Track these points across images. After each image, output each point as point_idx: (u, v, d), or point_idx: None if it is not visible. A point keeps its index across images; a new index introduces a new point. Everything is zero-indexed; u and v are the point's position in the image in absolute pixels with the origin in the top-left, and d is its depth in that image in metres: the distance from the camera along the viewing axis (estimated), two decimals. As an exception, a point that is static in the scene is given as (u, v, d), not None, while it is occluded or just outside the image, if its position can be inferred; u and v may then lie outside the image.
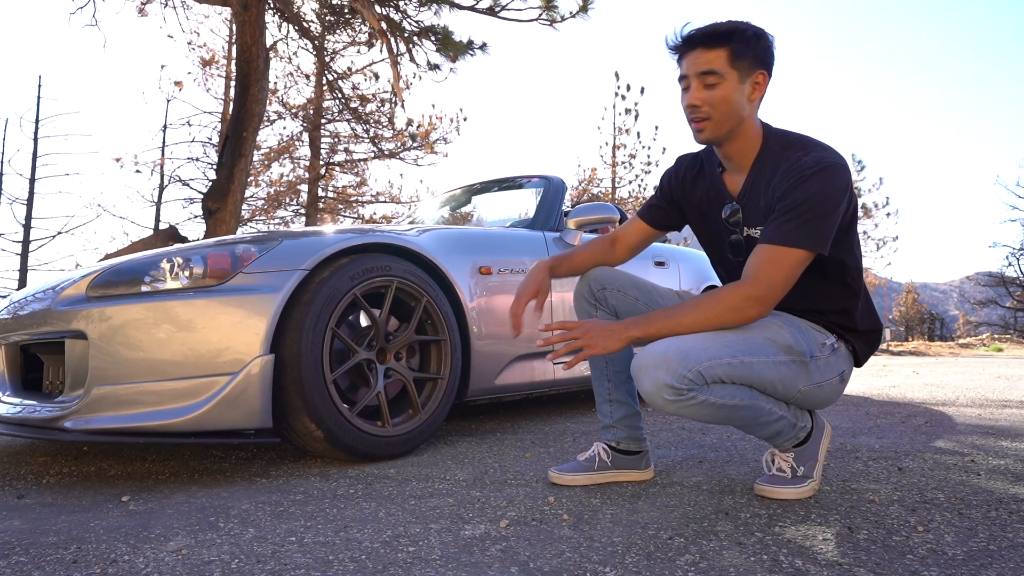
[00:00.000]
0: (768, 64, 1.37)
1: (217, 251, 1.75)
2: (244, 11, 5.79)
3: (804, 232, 1.29)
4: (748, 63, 1.34)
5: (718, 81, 1.34)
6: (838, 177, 1.31)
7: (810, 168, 1.31)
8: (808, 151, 1.35)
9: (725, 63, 1.33)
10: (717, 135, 1.38)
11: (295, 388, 1.69)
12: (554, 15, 6.32)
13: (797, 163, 1.33)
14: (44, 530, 1.28)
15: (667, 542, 1.15)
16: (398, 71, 7.01)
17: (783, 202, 1.32)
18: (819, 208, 1.29)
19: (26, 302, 1.91)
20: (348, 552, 1.12)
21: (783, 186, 1.33)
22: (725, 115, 1.35)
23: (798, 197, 1.30)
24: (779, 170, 1.36)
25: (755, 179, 1.41)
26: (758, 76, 1.36)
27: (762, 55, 1.36)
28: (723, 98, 1.34)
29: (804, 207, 1.29)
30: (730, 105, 1.35)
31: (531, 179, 3.15)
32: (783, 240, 1.30)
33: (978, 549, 1.10)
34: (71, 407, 1.61)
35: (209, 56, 12.87)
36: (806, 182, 1.30)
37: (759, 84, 1.36)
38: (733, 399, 1.30)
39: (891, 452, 1.92)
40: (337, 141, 13.65)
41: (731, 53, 1.33)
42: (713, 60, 1.33)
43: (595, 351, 1.34)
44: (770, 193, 1.36)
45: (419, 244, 2.07)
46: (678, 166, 1.60)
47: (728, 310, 1.32)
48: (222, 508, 1.42)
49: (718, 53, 1.33)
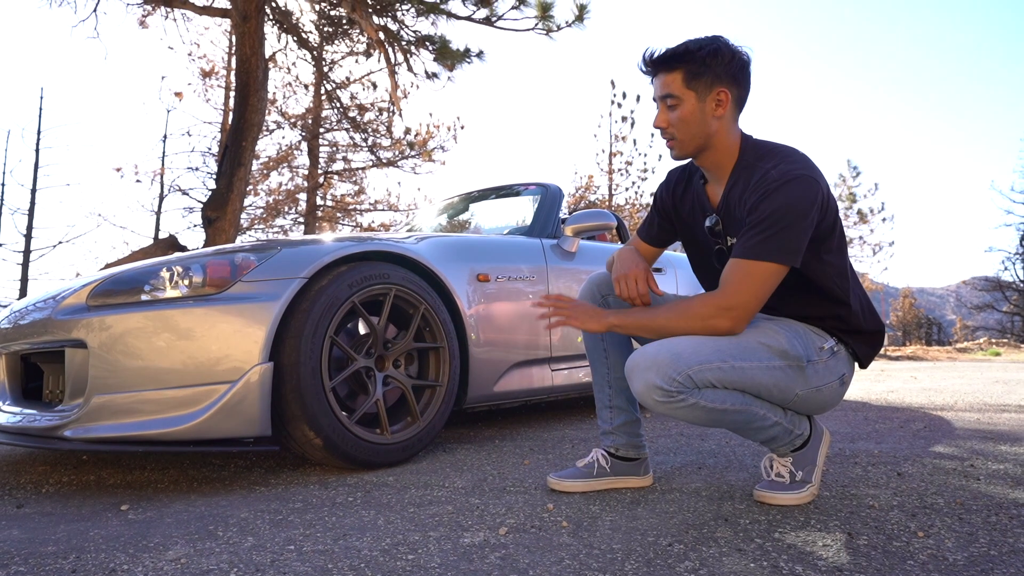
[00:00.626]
0: (731, 76, 1.39)
1: (216, 260, 1.75)
2: (244, 22, 5.83)
3: (771, 245, 1.30)
4: (705, 81, 1.38)
5: (677, 103, 1.39)
6: (804, 188, 1.32)
7: (775, 181, 1.32)
8: (777, 163, 1.36)
9: (680, 85, 1.38)
10: (686, 152, 1.44)
11: (294, 396, 1.69)
12: (550, 24, 6.36)
13: (764, 176, 1.35)
14: (43, 539, 1.28)
15: (667, 549, 1.15)
16: (396, 80, 7.05)
17: (751, 216, 1.34)
18: (784, 221, 1.30)
19: (27, 311, 1.91)
20: (347, 560, 1.12)
21: (751, 199, 1.35)
22: (689, 134, 1.40)
23: (764, 210, 1.32)
24: (750, 182, 1.38)
25: (731, 190, 1.44)
26: (719, 93, 1.38)
27: (722, 71, 1.38)
28: (682, 118, 1.39)
29: (770, 220, 1.31)
30: (691, 125, 1.39)
31: (528, 187, 3.16)
32: (751, 254, 1.32)
33: (979, 554, 1.10)
34: (71, 416, 1.61)
35: (209, 67, 12.93)
36: (771, 195, 1.31)
37: (722, 101, 1.39)
38: (724, 404, 1.31)
39: (890, 457, 1.92)
40: (335, 150, 13.70)
41: (685, 74, 1.38)
42: (670, 84, 1.39)
43: (575, 323, 1.46)
44: (743, 205, 1.39)
45: (417, 252, 2.08)
46: (668, 180, 1.63)
47: (697, 318, 1.35)
48: (221, 517, 1.41)
49: (674, 76, 1.39)
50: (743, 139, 1.45)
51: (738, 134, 1.45)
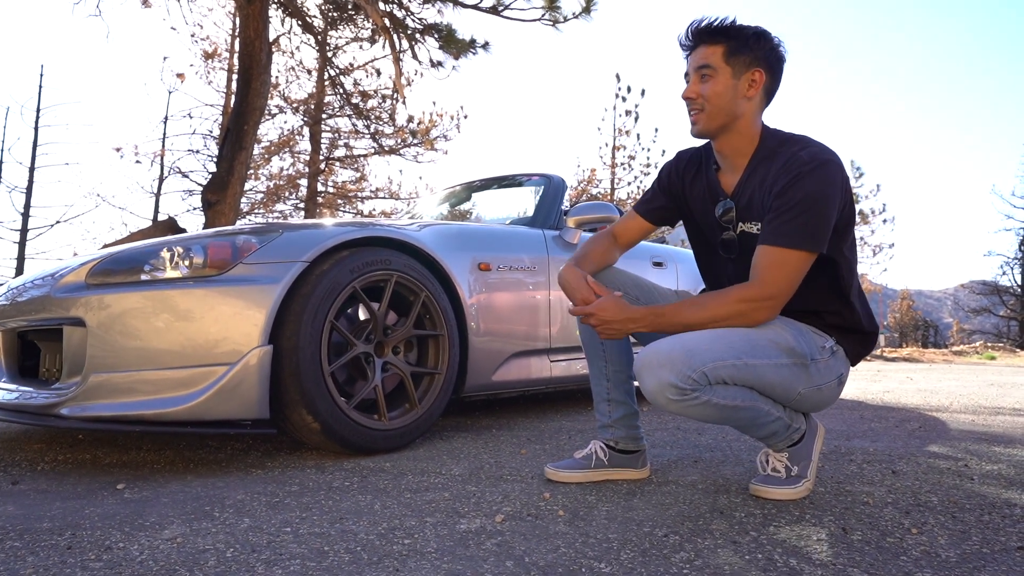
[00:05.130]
0: (769, 64, 1.39)
1: (218, 241, 1.75)
2: (248, 5, 5.78)
3: (804, 233, 1.30)
4: (745, 60, 1.37)
5: (712, 75, 1.38)
6: (834, 173, 1.33)
7: (807, 164, 1.32)
8: (804, 146, 1.37)
9: (720, 58, 1.38)
10: (709, 128, 1.42)
11: (293, 380, 1.69)
12: (557, 15, 6.32)
13: (794, 158, 1.34)
14: (39, 516, 1.28)
15: (662, 540, 1.15)
16: (400, 68, 7.01)
17: (781, 199, 1.32)
18: (816, 206, 1.30)
19: (25, 289, 1.91)
20: (344, 543, 1.12)
21: (781, 181, 1.34)
22: (717, 108, 1.39)
23: (796, 194, 1.31)
24: (775, 165, 1.37)
25: (750, 176, 1.42)
26: (755, 73, 1.38)
27: (763, 54, 1.38)
28: (715, 91, 1.38)
29: (803, 206, 1.30)
30: (721, 98, 1.38)
31: (531, 177, 3.15)
32: (785, 242, 1.31)
33: (971, 552, 1.11)
34: (68, 394, 1.61)
35: (212, 49, 12.83)
36: (803, 179, 1.31)
37: (755, 82, 1.39)
38: (735, 400, 1.31)
39: (885, 455, 1.93)
40: (338, 136, 13.63)
41: (727, 49, 1.38)
42: (709, 55, 1.39)
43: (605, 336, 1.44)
44: (766, 188, 1.37)
45: (419, 239, 2.07)
46: (678, 160, 1.60)
47: (736, 314, 1.34)
48: (217, 498, 1.42)
49: (714, 49, 1.38)
50: (764, 129, 1.44)
51: (760, 124, 1.44)
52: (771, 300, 1.33)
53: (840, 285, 1.42)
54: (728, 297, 1.36)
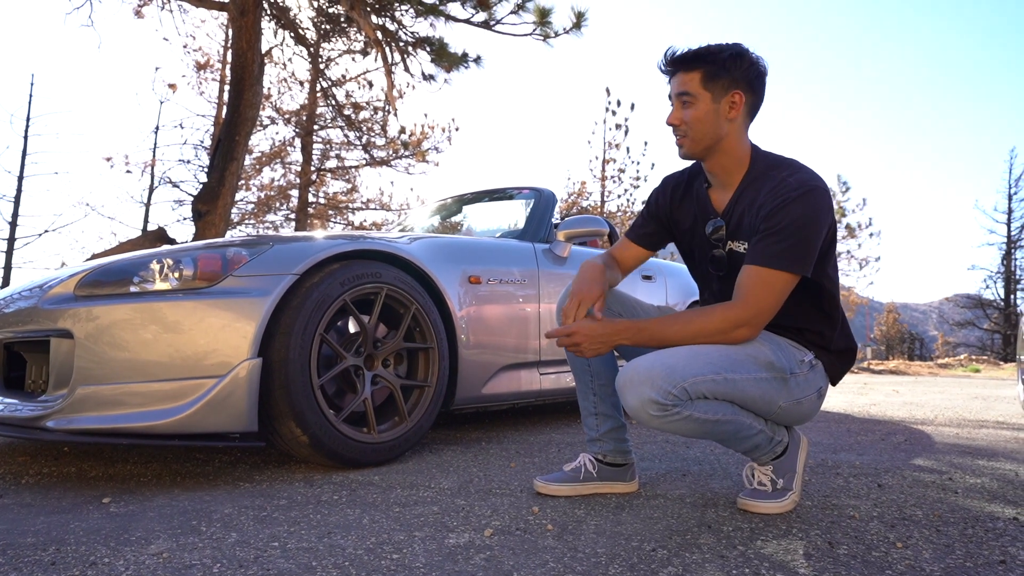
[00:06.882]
0: (748, 82, 1.42)
1: (208, 253, 1.75)
2: (241, 16, 5.80)
3: (791, 255, 1.33)
4: (723, 83, 1.40)
5: (692, 101, 1.41)
6: (821, 199, 1.36)
7: (795, 190, 1.35)
8: (792, 172, 1.40)
9: (698, 85, 1.41)
10: (695, 151, 1.45)
11: (282, 393, 1.68)
12: (548, 31, 6.39)
13: (783, 183, 1.37)
14: (22, 531, 1.27)
15: (650, 554, 1.16)
16: (392, 80, 7.04)
17: (768, 222, 1.35)
18: (803, 231, 1.33)
19: (11, 300, 1.89)
20: (331, 558, 1.12)
21: (769, 204, 1.36)
22: (700, 133, 1.42)
23: (784, 219, 1.34)
24: (764, 188, 1.40)
25: (740, 196, 1.45)
26: (734, 96, 1.41)
27: (741, 75, 1.41)
28: (696, 117, 1.41)
29: (789, 229, 1.33)
30: (704, 123, 1.41)
31: (522, 190, 3.17)
32: (771, 263, 1.33)
33: (955, 566, 1.12)
34: (54, 406, 1.59)
35: (204, 60, 12.85)
36: (791, 204, 1.34)
37: (736, 103, 1.41)
38: (716, 415, 1.33)
39: (871, 469, 1.95)
40: (329, 147, 13.65)
41: (704, 75, 1.40)
42: (687, 83, 1.42)
43: (587, 355, 1.44)
44: (755, 210, 1.40)
45: (409, 252, 2.08)
46: (664, 186, 1.64)
47: (717, 331, 1.36)
48: (204, 512, 1.41)
49: (692, 75, 1.41)
50: (754, 149, 1.47)
51: (748, 143, 1.47)
52: (753, 320, 1.35)
53: (822, 304, 1.45)
54: (712, 316, 1.38)
